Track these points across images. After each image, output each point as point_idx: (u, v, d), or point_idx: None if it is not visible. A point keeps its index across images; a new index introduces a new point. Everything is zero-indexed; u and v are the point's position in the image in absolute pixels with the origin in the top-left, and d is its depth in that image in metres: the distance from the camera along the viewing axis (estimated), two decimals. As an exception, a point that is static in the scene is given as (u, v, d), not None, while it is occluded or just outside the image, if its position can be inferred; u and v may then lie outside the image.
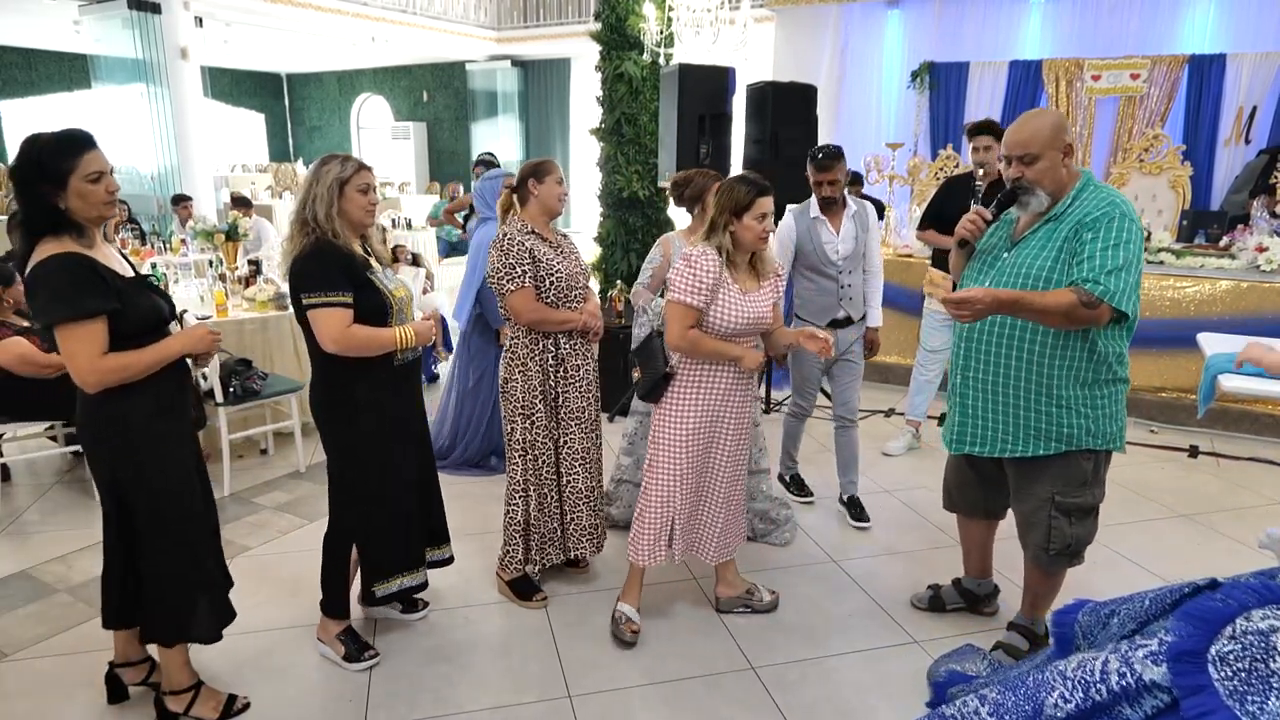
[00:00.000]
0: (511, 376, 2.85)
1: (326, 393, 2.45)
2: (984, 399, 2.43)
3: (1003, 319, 2.32)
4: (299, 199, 2.38)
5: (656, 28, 6.34)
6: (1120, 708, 1.46)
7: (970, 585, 2.92)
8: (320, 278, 2.30)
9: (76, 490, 3.95)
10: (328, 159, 2.40)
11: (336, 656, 2.59)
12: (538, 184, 2.80)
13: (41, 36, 12.23)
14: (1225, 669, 1.34)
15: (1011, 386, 2.36)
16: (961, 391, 2.49)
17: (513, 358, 2.86)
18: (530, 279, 2.74)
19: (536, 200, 2.81)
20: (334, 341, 2.30)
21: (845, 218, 3.45)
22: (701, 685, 2.51)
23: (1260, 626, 1.35)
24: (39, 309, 1.97)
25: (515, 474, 2.89)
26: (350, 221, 2.40)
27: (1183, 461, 4.48)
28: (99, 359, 1.97)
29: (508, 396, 2.87)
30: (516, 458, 2.87)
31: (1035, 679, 1.60)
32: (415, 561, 2.67)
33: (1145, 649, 1.46)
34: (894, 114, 8.48)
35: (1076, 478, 2.37)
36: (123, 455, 2.08)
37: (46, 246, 1.95)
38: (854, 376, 3.60)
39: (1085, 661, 1.54)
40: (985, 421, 2.44)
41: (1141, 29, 7.43)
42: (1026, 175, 2.28)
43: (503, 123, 14.33)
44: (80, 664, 2.58)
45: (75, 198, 1.95)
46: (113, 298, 1.98)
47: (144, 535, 2.14)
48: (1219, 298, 4.91)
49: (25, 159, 1.94)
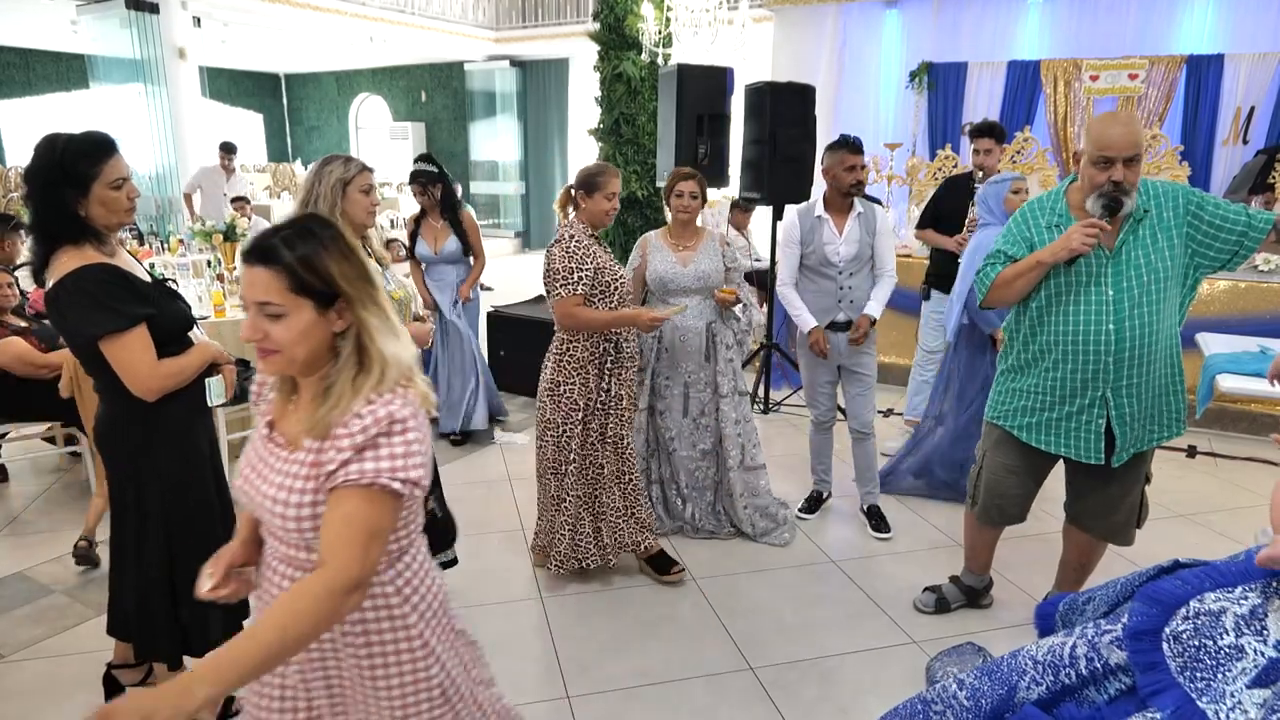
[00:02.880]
0: (569, 379, 2.91)
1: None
2: (1141, 404, 2.39)
3: (1147, 323, 2.29)
4: (300, 199, 2.38)
5: (655, 28, 6.34)
6: (1088, 690, 1.51)
7: (970, 580, 2.93)
8: None
9: (74, 491, 3.94)
10: (330, 159, 2.40)
11: None
12: (587, 197, 2.89)
13: (39, 36, 12.21)
14: (1177, 646, 1.40)
15: (1164, 382, 2.40)
16: (1116, 404, 2.37)
17: (570, 360, 2.92)
18: (589, 284, 2.83)
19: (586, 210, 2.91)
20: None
21: (850, 218, 3.40)
22: (700, 685, 2.51)
23: (1212, 608, 1.41)
24: (78, 322, 1.87)
25: (569, 475, 2.97)
26: (352, 222, 2.40)
27: (1181, 461, 4.49)
28: (158, 365, 1.94)
29: (562, 399, 2.92)
30: (573, 457, 2.95)
31: (1009, 664, 1.65)
32: None
33: (1110, 634, 1.51)
34: (892, 114, 8.47)
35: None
36: (143, 453, 2.06)
37: (68, 258, 1.89)
38: (864, 388, 3.53)
39: (1055, 646, 1.60)
40: (1143, 425, 2.43)
41: (1140, 29, 7.42)
42: (1128, 178, 2.23)
43: (501, 123, 14.31)
44: (76, 665, 2.57)
45: (97, 205, 1.90)
46: (148, 302, 1.96)
47: (155, 535, 2.11)
48: (1217, 298, 4.92)
49: (47, 161, 1.87)
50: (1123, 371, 2.34)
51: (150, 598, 2.13)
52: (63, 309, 1.88)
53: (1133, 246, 2.30)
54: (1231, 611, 1.39)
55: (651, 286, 3.35)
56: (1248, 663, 1.33)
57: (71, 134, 1.93)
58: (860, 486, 3.66)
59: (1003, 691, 1.60)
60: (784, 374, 5.61)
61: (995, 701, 1.60)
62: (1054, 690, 1.53)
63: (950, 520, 3.62)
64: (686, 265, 3.28)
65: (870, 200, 3.84)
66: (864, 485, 3.65)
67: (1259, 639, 1.34)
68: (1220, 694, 1.31)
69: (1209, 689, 1.33)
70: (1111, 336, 2.30)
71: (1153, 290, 2.29)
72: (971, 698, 1.65)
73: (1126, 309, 2.29)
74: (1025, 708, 1.54)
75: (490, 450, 4.56)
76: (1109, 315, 2.30)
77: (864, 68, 8.51)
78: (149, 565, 2.11)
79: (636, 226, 6.52)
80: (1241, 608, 1.39)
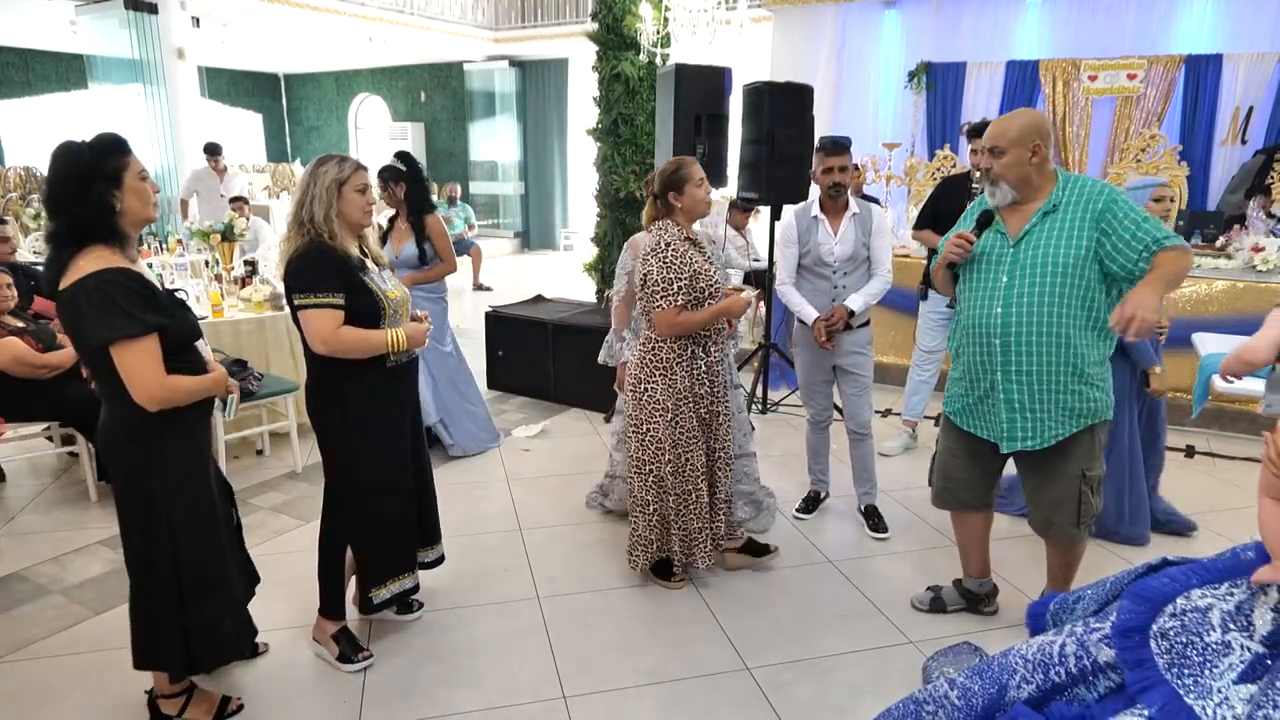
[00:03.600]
0: (651, 378, 2.87)
1: (320, 394, 2.45)
2: (1030, 391, 2.47)
3: (1035, 309, 2.40)
4: (296, 199, 2.38)
5: (653, 28, 6.34)
6: (1077, 688, 1.53)
7: (971, 585, 2.92)
8: (312, 279, 2.30)
9: (72, 492, 3.94)
10: (324, 160, 2.39)
11: (331, 657, 2.58)
12: (679, 196, 2.82)
13: (38, 36, 12.21)
14: (1165, 643, 1.42)
15: (1052, 372, 2.43)
16: (1005, 388, 2.50)
17: (655, 360, 2.87)
18: (687, 292, 2.78)
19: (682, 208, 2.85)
20: (323, 343, 2.31)
21: (845, 219, 3.41)
22: (697, 685, 2.51)
23: (1199, 604, 1.44)
24: (94, 324, 1.88)
25: (647, 476, 2.93)
26: (348, 222, 2.40)
27: (1179, 461, 4.49)
28: (164, 377, 1.96)
29: (645, 399, 2.88)
30: (668, 457, 2.89)
31: (1000, 663, 1.67)
32: (408, 565, 2.68)
33: (1099, 632, 1.53)
34: (891, 114, 8.47)
35: (1096, 449, 2.52)
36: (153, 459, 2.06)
37: (88, 260, 1.89)
38: (861, 389, 3.53)
39: (1045, 645, 1.62)
40: (1034, 414, 2.48)
41: (1138, 29, 7.42)
42: (995, 168, 2.43)
43: (500, 123, 14.31)
44: (74, 666, 2.57)
45: (131, 195, 1.95)
46: (164, 312, 1.98)
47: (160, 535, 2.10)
48: (1215, 298, 4.92)
49: (74, 162, 1.90)
50: (1010, 356, 2.45)
51: (156, 598, 2.13)
52: (80, 309, 1.88)
53: (1035, 237, 2.42)
54: (1218, 608, 1.41)
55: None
56: (1234, 659, 1.35)
57: (86, 139, 1.96)
58: (858, 487, 3.66)
59: (994, 690, 1.62)
60: (781, 374, 5.61)
61: (986, 700, 1.62)
62: (1044, 689, 1.55)
63: (947, 521, 3.61)
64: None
65: (868, 200, 3.84)
66: (861, 485, 3.64)
67: (1245, 635, 1.36)
68: (1207, 690, 1.33)
69: (1196, 685, 1.34)
70: (998, 320, 2.43)
71: (1047, 281, 2.37)
72: (963, 697, 1.66)
73: (1015, 295, 2.41)
74: (1016, 706, 1.55)
75: (489, 450, 4.55)
76: (999, 299, 2.44)
77: (862, 68, 8.51)
78: (154, 564, 2.11)
79: (635, 226, 6.50)
80: (1228, 604, 1.41)
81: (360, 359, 2.38)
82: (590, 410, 5.24)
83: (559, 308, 5.88)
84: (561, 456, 4.49)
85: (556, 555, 3.34)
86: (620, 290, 3.35)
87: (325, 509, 2.57)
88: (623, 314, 3.41)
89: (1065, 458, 2.51)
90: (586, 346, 5.25)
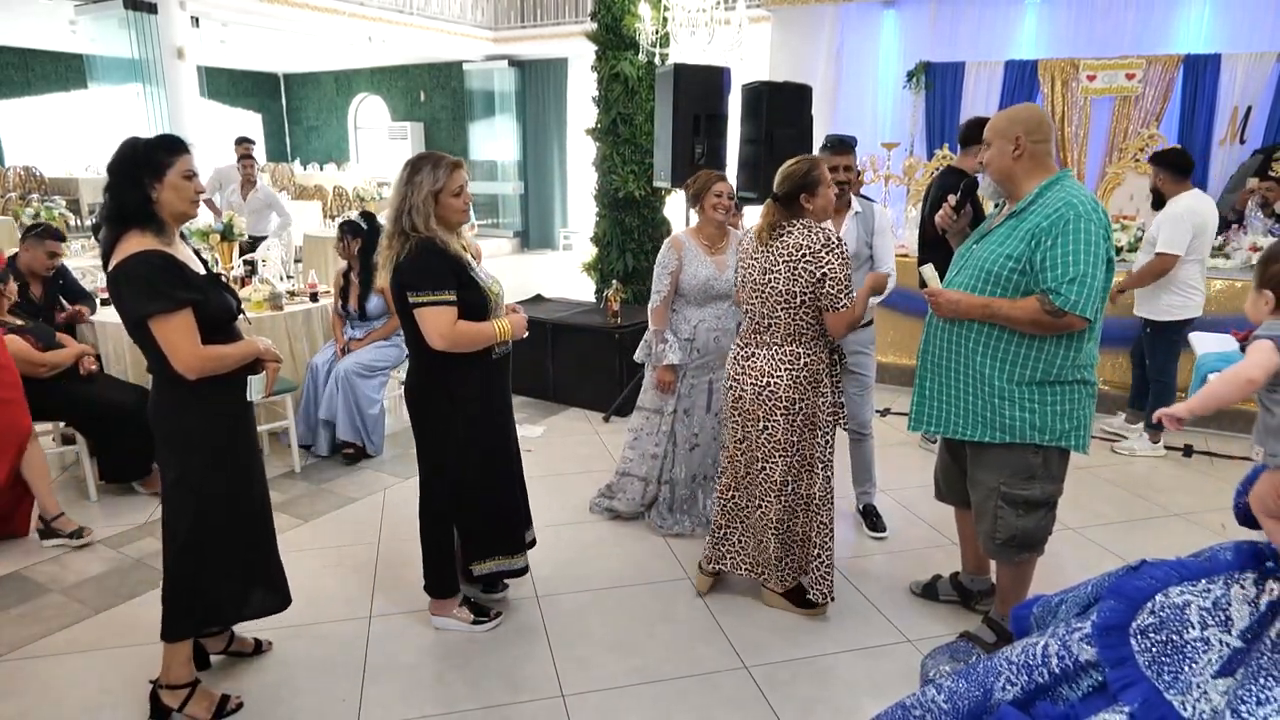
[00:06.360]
0: (804, 395, 2.68)
1: (428, 385, 2.57)
2: (936, 381, 2.53)
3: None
4: (393, 208, 2.47)
5: (652, 28, 6.34)
6: (1061, 688, 1.54)
7: (965, 581, 2.93)
8: (427, 278, 2.41)
9: (72, 490, 3.94)
10: (417, 167, 2.45)
11: (465, 625, 2.74)
12: (811, 197, 2.63)
13: (37, 36, 12.21)
14: (1145, 641, 1.44)
15: (955, 372, 2.46)
16: (919, 373, 2.59)
17: (807, 374, 2.68)
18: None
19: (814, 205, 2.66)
20: (443, 338, 2.42)
21: (847, 218, 3.40)
22: (694, 685, 2.52)
23: (1177, 601, 1.46)
24: (131, 305, 2.06)
25: (791, 497, 2.78)
26: (448, 226, 2.50)
27: (1177, 461, 4.49)
28: (199, 347, 2.11)
29: (797, 417, 2.69)
30: (796, 477, 2.76)
31: (985, 666, 1.69)
32: (517, 545, 2.80)
33: (1080, 632, 1.55)
34: (890, 114, 8.47)
35: (1022, 470, 2.41)
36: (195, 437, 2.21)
37: (129, 243, 2.06)
38: (862, 389, 3.53)
39: (1028, 646, 1.63)
40: (938, 402, 2.53)
41: (1137, 29, 7.43)
42: (983, 159, 2.45)
43: (500, 123, 14.31)
44: (72, 665, 2.57)
45: (169, 190, 2.10)
46: (196, 290, 2.12)
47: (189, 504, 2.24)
48: (1213, 298, 4.92)
49: (130, 151, 2.09)
50: (930, 342, 2.52)
51: (182, 563, 2.25)
52: (120, 288, 2.07)
53: (990, 239, 2.41)
54: (1195, 605, 1.43)
55: (690, 291, 3.34)
56: (1213, 654, 1.37)
57: (150, 137, 2.16)
58: (856, 486, 3.67)
59: (979, 694, 1.64)
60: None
61: (972, 703, 1.64)
62: (1029, 690, 1.56)
63: (946, 520, 3.62)
64: (723, 270, 3.32)
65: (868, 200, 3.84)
66: (860, 485, 3.65)
67: (1223, 630, 1.38)
68: (1187, 685, 1.35)
69: (1176, 681, 1.37)
70: (928, 303, 2.46)
71: (977, 281, 2.37)
72: (949, 700, 1.68)
73: (950, 286, 2.45)
74: (1002, 708, 1.56)
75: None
76: (941, 285, 2.47)
77: (861, 67, 8.51)
78: (184, 531, 2.24)
79: (634, 226, 6.52)
80: (1205, 600, 1.43)
81: (469, 352, 2.49)
82: (590, 410, 5.25)
83: (558, 307, 5.88)
84: (561, 456, 4.50)
85: (556, 555, 3.34)
86: (664, 291, 3.34)
87: (427, 497, 2.69)
88: (662, 314, 3.39)
89: (984, 465, 2.47)
90: (586, 346, 5.27)
